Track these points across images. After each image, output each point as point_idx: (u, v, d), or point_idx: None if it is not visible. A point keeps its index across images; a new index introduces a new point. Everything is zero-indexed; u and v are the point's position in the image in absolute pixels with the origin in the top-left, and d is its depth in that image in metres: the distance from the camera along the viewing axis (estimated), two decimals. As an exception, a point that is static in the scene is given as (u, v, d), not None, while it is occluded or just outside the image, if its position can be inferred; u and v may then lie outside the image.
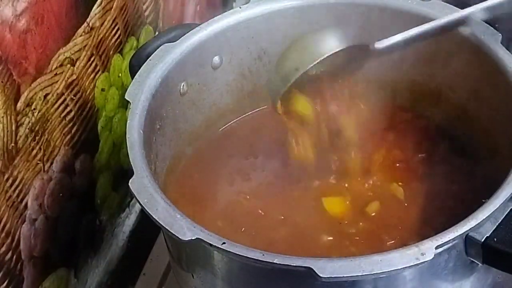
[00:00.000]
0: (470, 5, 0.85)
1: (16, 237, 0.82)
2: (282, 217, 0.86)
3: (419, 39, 0.83)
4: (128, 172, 0.76)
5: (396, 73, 0.94)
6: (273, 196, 0.89)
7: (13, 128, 0.79)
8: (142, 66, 0.86)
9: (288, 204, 0.87)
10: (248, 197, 0.89)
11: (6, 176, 0.79)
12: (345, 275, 0.66)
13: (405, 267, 0.67)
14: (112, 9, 0.95)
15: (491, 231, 0.70)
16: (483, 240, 0.70)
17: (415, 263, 0.67)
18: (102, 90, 0.96)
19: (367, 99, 0.93)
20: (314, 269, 0.66)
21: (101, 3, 0.92)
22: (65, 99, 0.88)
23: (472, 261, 0.72)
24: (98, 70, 0.95)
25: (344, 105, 0.91)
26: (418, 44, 0.87)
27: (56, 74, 0.85)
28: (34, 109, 0.82)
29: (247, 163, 0.94)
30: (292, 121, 0.87)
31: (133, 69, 0.88)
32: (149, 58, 0.87)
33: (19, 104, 0.79)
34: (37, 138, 0.83)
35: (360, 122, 0.91)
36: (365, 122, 0.92)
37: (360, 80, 0.92)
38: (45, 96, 0.84)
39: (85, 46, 0.90)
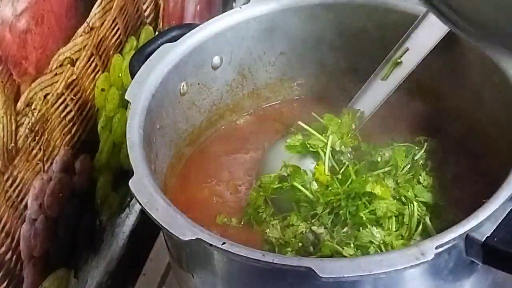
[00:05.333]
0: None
1: (16, 237, 0.82)
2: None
3: None
4: (128, 172, 0.76)
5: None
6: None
7: (13, 128, 0.79)
8: (142, 66, 0.86)
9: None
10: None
11: (6, 176, 0.79)
12: (345, 275, 0.66)
13: (405, 267, 0.67)
14: (112, 9, 0.95)
15: (491, 231, 0.70)
16: (483, 240, 0.70)
17: (415, 263, 0.67)
18: (102, 90, 0.96)
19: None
20: (314, 269, 0.66)
21: (101, 3, 0.92)
22: (65, 99, 0.88)
23: (472, 261, 0.72)
24: (98, 70, 0.95)
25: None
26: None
27: (56, 74, 0.85)
28: (34, 109, 0.82)
29: (247, 163, 0.94)
30: None
31: (133, 69, 0.88)
32: (149, 58, 0.87)
33: (19, 104, 0.79)
34: (37, 138, 0.83)
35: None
36: (366, 121, 0.92)
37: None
38: (45, 96, 0.84)
39: (85, 46, 0.90)
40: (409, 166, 0.86)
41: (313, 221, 0.82)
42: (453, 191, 0.85)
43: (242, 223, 0.87)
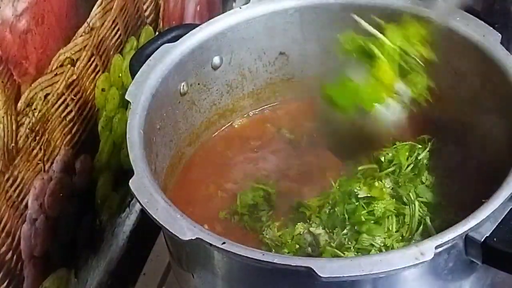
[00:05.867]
0: (468, 5, 0.85)
1: (17, 237, 0.82)
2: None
3: None
4: (128, 172, 0.77)
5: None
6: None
7: (14, 128, 0.79)
8: (142, 66, 0.86)
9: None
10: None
11: (6, 176, 0.79)
12: (345, 275, 0.66)
13: (405, 267, 0.67)
14: (113, 9, 0.95)
15: (491, 231, 0.70)
16: (482, 240, 0.70)
17: (414, 263, 0.67)
18: (103, 90, 0.96)
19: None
20: (314, 269, 0.66)
21: (101, 3, 0.92)
22: (65, 99, 0.88)
23: (472, 261, 0.72)
24: (99, 70, 0.95)
25: None
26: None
27: (56, 74, 0.85)
28: (35, 109, 0.82)
29: (247, 163, 0.94)
30: None
31: (134, 69, 0.88)
32: (149, 58, 0.87)
33: (19, 104, 0.79)
34: (37, 138, 0.83)
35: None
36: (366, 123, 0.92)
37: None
38: (45, 96, 0.84)
39: (85, 46, 0.90)
40: (412, 165, 0.86)
41: (310, 222, 0.82)
42: (453, 191, 0.85)
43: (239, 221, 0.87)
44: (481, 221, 0.69)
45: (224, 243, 0.69)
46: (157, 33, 1.08)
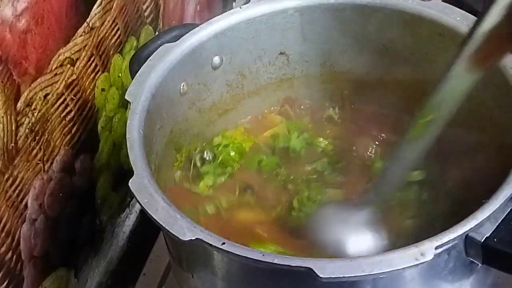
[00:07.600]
0: (469, 5, 0.85)
1: (16, 237, 0.82)
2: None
3: None
4: (128, 172, 0.76)
5: (395, 72, 0.94)
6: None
7: (13, 128, 0.79)
8: (142, 66, 0.86)
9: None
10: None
11: (6, 176, 0.79)
12: (345, 275, 0.66)
13: (405, 267, 0.67)
14: (112, 9, 0.95)
15: (491, 231, 0.70)
16: (483, 240, 0.70)
17: (415, 264, 0.67)
18: (102, 90, 0.96)
19: (366, 96, 0.94)
20: (314, 269, 0.66)
21: (101, 3, 0.92)
22: (65, 99, 0.88)
23: (472, 261, 0.72)
24: (98, 70, 0.95)
25: None
26: (418, 44, 0.88)
27: (56, 74, 0.85)
28: (34, 109, 0.82)
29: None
30: None
31: (133, 69, 0.88)
32: (149, 58, 0.87)
33: (19, 104, 0.79)
34: (37, 138, 0.83)
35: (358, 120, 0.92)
36: (363, 121, 0.92)
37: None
38: (45, 96, 0.84)
39: (85, 46, 0.90)
40: None
41: None
42: (451, 190, 0.85)
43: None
44: (481, 221, 0.69)
45: (224, 243, 0.69)
46: (157, 33, 1.08)
